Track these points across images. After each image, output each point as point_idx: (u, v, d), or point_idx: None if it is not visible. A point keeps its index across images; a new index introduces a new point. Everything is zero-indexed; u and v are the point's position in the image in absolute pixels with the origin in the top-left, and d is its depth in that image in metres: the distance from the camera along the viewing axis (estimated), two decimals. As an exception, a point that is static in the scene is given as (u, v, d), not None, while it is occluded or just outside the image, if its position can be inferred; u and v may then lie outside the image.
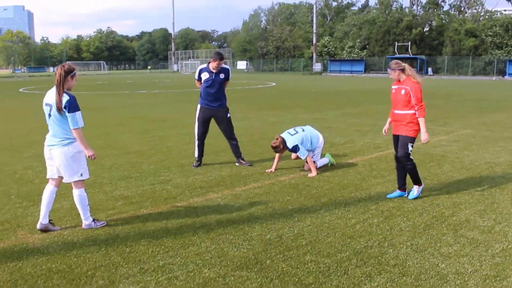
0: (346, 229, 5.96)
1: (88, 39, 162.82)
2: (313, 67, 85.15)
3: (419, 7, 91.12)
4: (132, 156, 10.67)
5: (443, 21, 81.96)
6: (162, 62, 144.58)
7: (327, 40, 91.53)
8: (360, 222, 6.21)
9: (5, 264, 5.02)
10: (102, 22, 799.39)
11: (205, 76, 9.49)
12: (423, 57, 75.00)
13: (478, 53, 72.43)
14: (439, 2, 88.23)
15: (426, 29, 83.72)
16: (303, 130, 9.18)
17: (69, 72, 5.75)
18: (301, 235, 5.76)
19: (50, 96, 5.78)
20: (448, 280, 4.55)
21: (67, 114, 5.65)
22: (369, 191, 7.72)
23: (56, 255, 5.24)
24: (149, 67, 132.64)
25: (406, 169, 7.26)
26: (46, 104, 5.82)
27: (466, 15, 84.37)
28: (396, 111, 7.22)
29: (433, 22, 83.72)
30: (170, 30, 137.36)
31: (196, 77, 9.69)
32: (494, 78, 60.39)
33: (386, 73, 58.83)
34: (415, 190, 7.29)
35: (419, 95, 6.97)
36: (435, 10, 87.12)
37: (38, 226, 5.96)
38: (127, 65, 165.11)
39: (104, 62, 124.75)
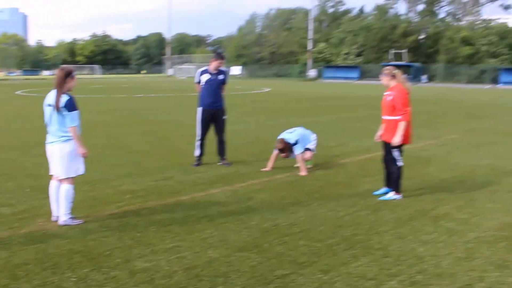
0: (336, 220, 6.56)
1: (83, 42, 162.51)
2: (308, 73, 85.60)
3: (415, 14, 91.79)
4: (134, 155, 11.20)
5: (439, 29, 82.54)
6: (156, 66, 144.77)
7: (322, 46, 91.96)
8: (349, 214, 6.82)
9: (29, 246, 5.57)
10: (98, 26, 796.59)
11: (205, 77, 9.93)
12: (418, 64, 75.55)
13: (473, 61, 72.90)
14: (435, 9, 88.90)
15: (422, 36, 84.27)
16: (298, 128, 9.92)
17: (68, 74, 6.24)
18: (295, 224, 6.36)
19: (51, 97, 6.27)
20: (424, 261, 5.20)
21: (65, 112, 6.14)
22: (358, 188, 8.33)
23: (74, 239, 5.80)
24: (142, 71, 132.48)
25: (391, 174, 7.78)
26: (48, 105, 6.30)
27: (462, 22, 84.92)
28: (384, 117, 7.75)
29: (429, 29, 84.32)
30: (165, 35, 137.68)
31: (197, 80, 10.11)
32: (486, 87, 60.96)
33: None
34: (391, 194, 7.69)
35: (404, 101, 7.38)
36: (431, 17, 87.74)
37: (52, 219, 6.47)
38: (121, 69, 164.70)
39: (97, 65, 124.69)
